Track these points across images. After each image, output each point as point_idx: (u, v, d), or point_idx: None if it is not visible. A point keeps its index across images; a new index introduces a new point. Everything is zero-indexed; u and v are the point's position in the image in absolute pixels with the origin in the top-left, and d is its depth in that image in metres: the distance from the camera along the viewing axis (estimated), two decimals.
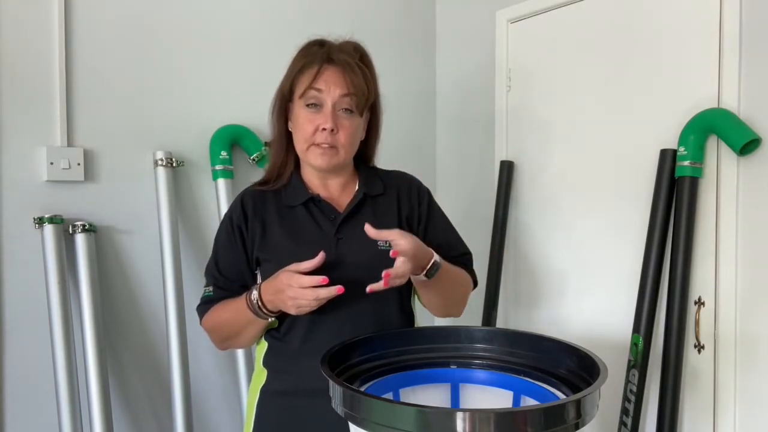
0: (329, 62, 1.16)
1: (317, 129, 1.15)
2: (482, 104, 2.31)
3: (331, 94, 1.15)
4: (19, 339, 1.60)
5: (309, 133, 1.16)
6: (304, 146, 1.18)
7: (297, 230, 1.20)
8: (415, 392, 1.11)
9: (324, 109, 1.15)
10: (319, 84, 1.15)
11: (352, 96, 1.16)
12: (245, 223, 1.21)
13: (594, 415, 0.86)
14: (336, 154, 1.18)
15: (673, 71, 1.72)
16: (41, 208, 1.61)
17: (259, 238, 1.20)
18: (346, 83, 1.15)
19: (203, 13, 1.90)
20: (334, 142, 1.16)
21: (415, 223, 1.27)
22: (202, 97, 1.90)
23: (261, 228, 1.20)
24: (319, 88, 1.15)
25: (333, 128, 1.15)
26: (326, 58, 1.16)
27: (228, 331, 1.20)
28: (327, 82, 1.15)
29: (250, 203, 1.23)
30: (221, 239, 1.24)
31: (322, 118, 1.15)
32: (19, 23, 1.59)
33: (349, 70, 1.16)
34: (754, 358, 1.57)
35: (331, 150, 1.17)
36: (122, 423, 1.76)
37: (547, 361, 1.09)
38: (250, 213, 1.21)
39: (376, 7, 2.32)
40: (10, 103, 1.59)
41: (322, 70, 1.15)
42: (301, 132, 1.17)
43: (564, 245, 2.04)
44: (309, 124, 1.16)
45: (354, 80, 1.15)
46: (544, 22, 2.09)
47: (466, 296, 1.30)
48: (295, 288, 1.04)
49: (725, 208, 1.62)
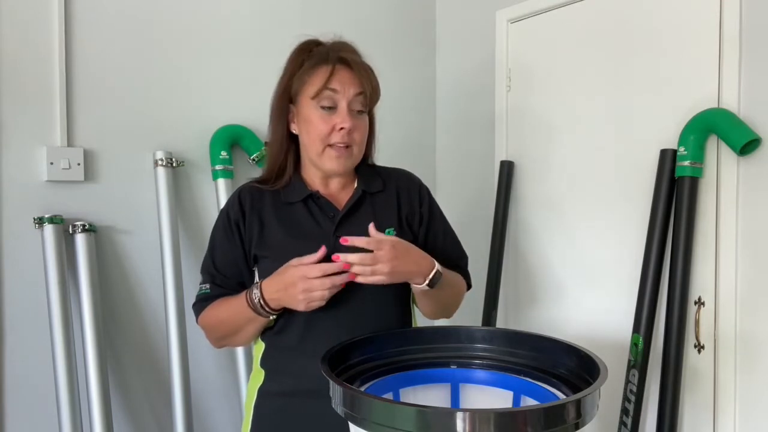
0: (341, 62, 1.16)
1: (333, 129, 1.15)
2: (482, 104, 2.31)
3: (346, 95, 1.15)
4: (19, 339, 1.60)
5: (325, 134, 1.15)
6: (319, 148, 1.17)
7: (296, 227, 1.19)
8: (415, 392, 1.11)
9: (339, 109, 1.15)
10: (333, 84, 1.14)
11: (364, 95, 1.17)
12: (243, 219, 1.20)
13: (594, 415, 0.86)
14: (351, 155, 1.18)
15: (673, 71, 1.72)
16: (41, 208, 1.61)
17: (257, 235, 1.19)
18: (360, 83, 1.16)
19: (203, 13, 1.90)
20: (350, 141, 1.17)
21: (416, 224, 1.26)
22: (202, 97, 1.90)
23: (259, 224, 1.20)
24: (334, 88, 1.14)
25: (351, 127, 1.15)
26: (337, 59, 1.16)
27: (225, 329, 1.20)
28: (342, 82, 1.15)
29: (248, 199, 1.22)
30: (218, 235, 1.23)
31: (338, 118, 1.15)
32: (19, 23, 1.59)
33: (361, 70, 1.17)
34: (754, 358, 1.57)
35: (347, 151, 1.17)
36: (122, 423, 1.76)
37: (547, 361, 1.09)
38: (248, 209, 1.21)
39: (376, 7, 2.32)
40: (10, 103, 1.59)
41: (336, 70, 1.15)
42: (315, 133, 1.16)
43: (564, 245, 2.04)
44: (324, 124, 1.15)
45: (365, 80, 1.16)
46: (544, 22, 2.09)
47: (460, 300, 1.31)
48: (308, 279, 1.04)
49: (725, 208, 1.62)
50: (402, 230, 1.23)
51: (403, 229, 1.23)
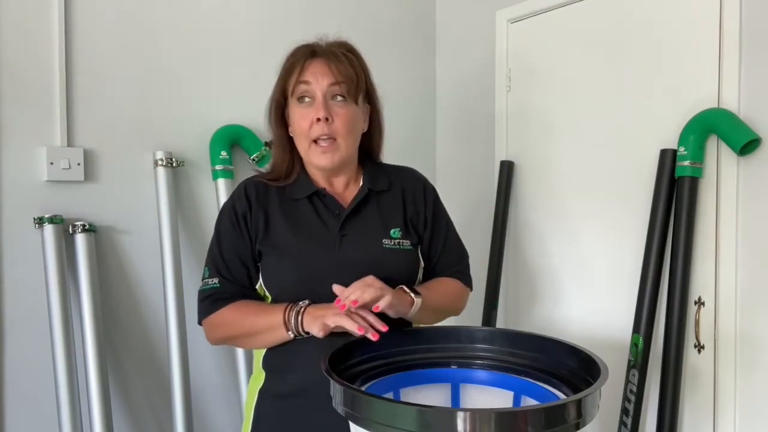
0: (312, 55, 1.16)
1: (312, 123, 1.15)
2: (482, 104, 2.31)
3: (320, 85, 1.15)
4: (19, 339, 1.60)
5: (306, 129, 1.15)
6: (305, 145, 1.17)
7: (301, 225, 1.19)
8: (415, 392, 1.11)
9: (315, 101, 1.15)
10: (305, 77, 1.15)
11: (341, 84, 1.15)
12: (249, 211, 1.19)
13: (594, 415, 0.86)
14: (337, 149, 1.16)
15: (673, 71, 1.72)
16: (41, 208, 1.61)
17: (262, 230, 1.18)
18: (332, 71, 1.15)
19: (203, 13, 1.90)
20: (332, 133, 1.15)
21: (420, 226, 1.26)
22: (202, 97, 1.90)
23: (264, 219, 1.19)
24: (306, 80, 1.15)
25: (327, 116, 1.14)
26: (309, 53, 1.17)
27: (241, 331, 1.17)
28: (314, 73, 1.15)
29: (254, 192, 1.21)
30: (224, 228, 1.20)
31: (314, 110, 1.14)
32: (19, 23, 1.59)
33: (333, 59, 1.16)
34: (754, 358, 1.57)
35: (332, 145, 1.16)
36: (122, 423, 1.76)
37: (547, 361, 1.09)
38: (254, 202, 1.20)
39: (376, 7, 2.32)
40: (10, 103, 1.58)
41: (306, 64, 1.15)
42: (299, 130, 1.17)
43: (564, 245, 2.04)
44: (303, 119, 1.15)
45: (340, 68, 1.15)
46: (544, 22, 2.09)
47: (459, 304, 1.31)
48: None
49: (725, 208, 1.62)
50: (407, 231, 1.23)
51: (408, 231, 1.23)
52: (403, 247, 1.21)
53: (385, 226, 1.20)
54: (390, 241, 1.20)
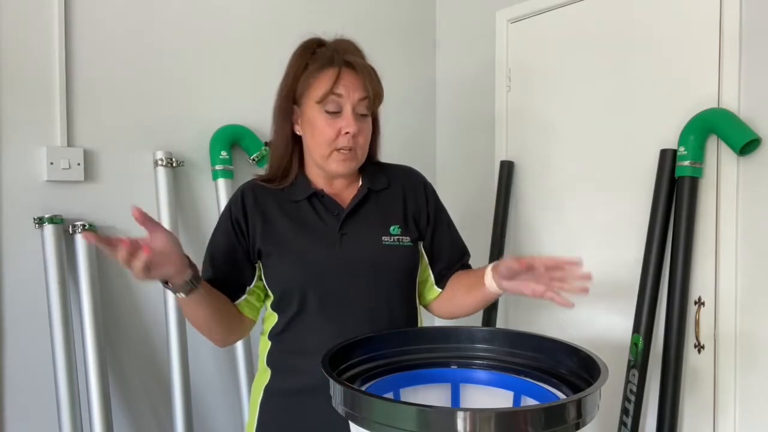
0: (346, 66, 1.15)
1: (339, 133, 1.15)
2: (482, 104, 2.31)
3: (351, 99, 1.15)
4: (19, 339, 1.60)
5: (331, 138, 1.15)
6: (325, 152, 1.17)
7: (301, 225, 1.19)
8: (415, 392, 1.11)
9: (344, 113, 1.15)
10: (339, 89, 1.14)
11: (369, 99, 1.16)
12: (245, 218, 1.20)
13: (594, 415, 0.86)
14: (355, 158, 1.18)
15: (673, 71, 1.72)
16: (41, 208, 1.61)
17: (260, 231, 1.19)
18: (365, 87, 1.16)
19: (203, 13, 1.90)
20: (355, 145, 1.17)
21: (423, 222, 1.27)
22: (202, 97, 1.90)
23: (262, 221, 1.19)
24: (339, 93, 1.14)
25: (356, 132, 1.15)
26: (343, 62, 1.15)
27: (195, 323, 1.16)
28: (347, 87, 1.14)
29: (251, 197, 1.22)
30: (221, 225, 1.23)
31: (344, 122, 1.14)
32: (19, 23, 1.59)
33: (366, 74, 1.16)
34: (754, 358, 1.57)
35: (352, 154, 1.17)
36: (122, 423, 1.76)
37: (547, 361, 1.09)
38: (250, 207, 1.21)
39: (376, 7, 2.32)
40: (10, 103, 1.58)
41: (341, 74, 1.14)
42: (322, 137, 1.16)
43: (564, 245, 2.04)
44: (330, 128, 1.15)
45: (370, 84, 1.16)
46: (544, 22, 2.09)
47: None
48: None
49: (725, 208, 1.62)
50: (407, 228, 1.23)
51: (409, 227, 1.24)
52: (403, 243, 1.22)
53: (385, 223, 1.21)
54: (390, 237, 1.21)
